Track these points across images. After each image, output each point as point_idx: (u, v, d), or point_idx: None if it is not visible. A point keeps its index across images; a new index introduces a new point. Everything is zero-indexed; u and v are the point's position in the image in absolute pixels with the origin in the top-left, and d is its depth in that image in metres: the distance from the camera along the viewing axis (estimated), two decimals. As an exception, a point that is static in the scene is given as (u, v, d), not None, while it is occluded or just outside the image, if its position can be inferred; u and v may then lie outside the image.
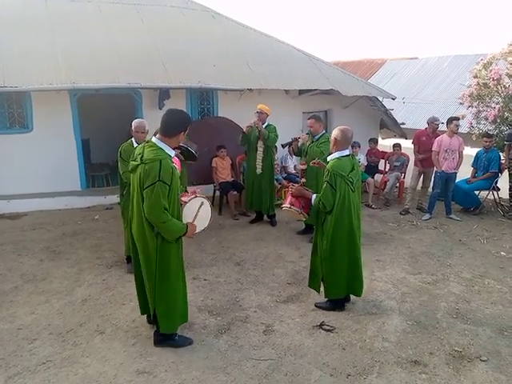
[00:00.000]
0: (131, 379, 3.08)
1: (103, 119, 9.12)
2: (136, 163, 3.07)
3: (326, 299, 4.07)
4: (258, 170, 6.31)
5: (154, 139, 3.11)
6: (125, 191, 4.47)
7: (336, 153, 3.83)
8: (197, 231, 3.31)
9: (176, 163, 3.72)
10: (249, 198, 6.51)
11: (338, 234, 3.79)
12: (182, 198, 3.27)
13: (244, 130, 6.23)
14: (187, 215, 3.24)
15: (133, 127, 4.58)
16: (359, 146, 8.01)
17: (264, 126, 6.16)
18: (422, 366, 3.25)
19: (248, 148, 6.44)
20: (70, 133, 7.35)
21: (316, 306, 4.09)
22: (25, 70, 6.40)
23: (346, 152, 3.84)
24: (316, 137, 5.74)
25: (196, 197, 3.35)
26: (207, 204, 3.40)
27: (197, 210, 3.29)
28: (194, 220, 3.26)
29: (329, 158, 3.89)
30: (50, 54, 6.81)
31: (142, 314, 3.58)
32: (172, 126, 3.07)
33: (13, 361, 3.26)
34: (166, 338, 3.41)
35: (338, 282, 3.92)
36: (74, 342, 3.50)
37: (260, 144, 6.24)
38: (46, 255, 5.26)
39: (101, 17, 8.07)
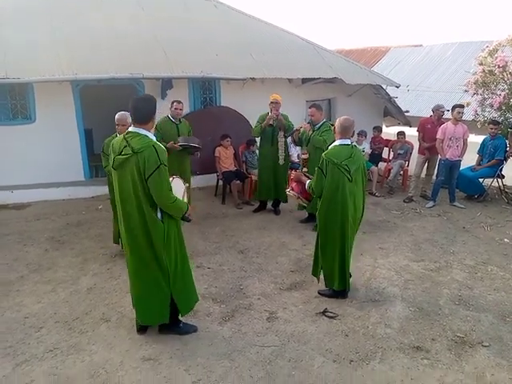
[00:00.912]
0: (137, 366, 3.13)
1: (106, 109, 9.03)
2: (125, 156, 2.99)
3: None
4: (281, 161, 6.25)
5: (132, 129, 3.08)
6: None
7: (337, 141, 3.87)
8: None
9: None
10: (264, 187, 6.46)
11: (329, 222, 3.85)
12: None
13: (266, 124, 6.09)
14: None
15: (115, 120, 4.45)
16: (365, 136, 7.97)
17: None
18: (424, 352, 3.28)
19: (262, 139, 6.38)
20: (73, 123, 7.36)
21: (319, 293, 4.12)
22: (27, 61, 6.39)
23: (347, 141, 3.85)
24: (317, 125, 5.71)
25: (174, 178, 3.40)
26: (181, 183, 3.50)
27: (182, 189, 3.40)
28: (183, 198, 3.35)
29: (330, 147, 3.94)
30: (52, 45, 6.79)
31: (146, 323, 3.44)
32: (146, 112, 3.08)
33: (21, 348, 3.32)
34: (171, 326, 3.44)
35: (332, 272, 3.95)
36: (80, 330, 3.56)
37: (280, 135, 6.20)
38: (50, 245, 5.31)
39: (102, 6, 8.01)
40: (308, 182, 4.05)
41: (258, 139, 6.74)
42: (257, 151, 7.20)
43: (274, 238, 5.55)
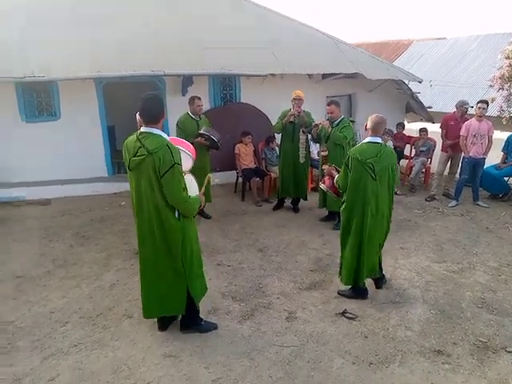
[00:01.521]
0: (158, 362, 3.20)
1: (128, 106, 9.13)
2: (141, 157, 3.02)
3: (349, 287, 4.09)
4: (302, 159, 6.21)
5: (144, 129, 3.10)
6: None
7: (367, 138, 3.89)
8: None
9: (191, 151, 3.77)
10: (286, 185, 6.44)
11: (350, 218, 3.89)
12: None
13: (287, 120, 6.05)
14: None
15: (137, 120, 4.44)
16: (391, 135, 7.86)
17: None
18: (445, 356, 3.25)
19: (284, 137, 6.34)
20: (96, 120, 7.49)
21: (339, 293, 4.12)
22: (51, 60, 6.52)
23: (377, 139, 3.83)
24: (336, 122, 5.67)
25: (185, 174, 3.42)
26: (193, 179, 3.53)
27: (190, 182, 3.41)
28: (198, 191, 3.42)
29: (359, 143, 4.01)
30: (76, 43, 6.90)
31: (149, 316, 3.51)
32: (156, 112, 3.10)
33: (47, 342, 3.43)
34: (191, 324, 3.50)
35: (348, 268, 3.97)
36: (103, 326, 3.65)
37: (302, 134, 6.16)
38: (75, 241, 5.44)
39: (124, 5, 8.09)
40: (336, 176, 4.11)
41: (278, 136, 6.72)
42: (277, 148, 7.19)
43: (294, 237, 5.55)
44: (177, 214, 3.17)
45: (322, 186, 4.50)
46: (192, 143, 3.94)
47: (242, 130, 7.20)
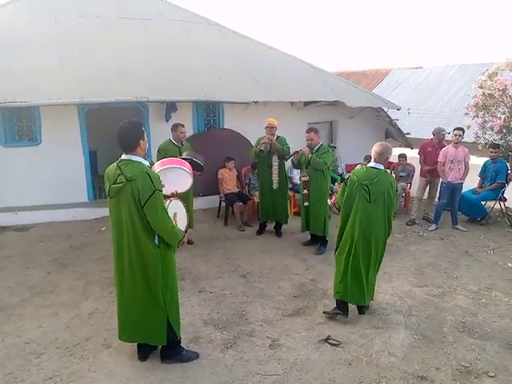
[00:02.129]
0: (137, 394, 3.10)
1: (110, 131, 9.14)
2: (120, 185, 3.00)
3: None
4: (275, 185, 6.28)
5: (124, 156, 3.08)
6: None
7: (370, 163, 4.05)
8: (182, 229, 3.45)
9: (189, 168, 3.96)
10: (265, 210, 6.50)
11: (344, 234, 4.08)
12: None
13: (258, 149, 6.19)
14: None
15: None
16: (369, 160, 8.01)
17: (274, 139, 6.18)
18: (428, 382, 3.24)
19: (260, 162, 6.44)
20: (78, 145, 7.44)
21: (324, 313, 4.18)
22: (34, 85, 6.51)
23: (379, 166, 3.97)
24: (315, 148, 5.79)
25: (171, 200, 3.51)
26: (181, 205, 3.61)
27: (173, 213, 3.40)
28: (175, 222, 3.36)
29: (358, 167, 4.21)
30: (59, 69, 6.93)
31: (125, 340, 3.44)
32: (131, 140, 3.06)
33: (20, 375, 3.29)
34: (172, 354, 3.41)
35: (336, 279, 4.11)
36: (80, 356, 3.53)
37: (275, 159, 6.23)
38: (53, 268, 5.31)
39: (108, 32, 8.20)
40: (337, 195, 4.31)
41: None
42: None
43: (277, 262, 5.53)
44: (156, 240, 3.12)
45: (329, 201, 5.08)
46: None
47: (225, 156, 7.25)
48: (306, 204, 5.93)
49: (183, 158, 5.78)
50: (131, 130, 3.10)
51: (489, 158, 7.38)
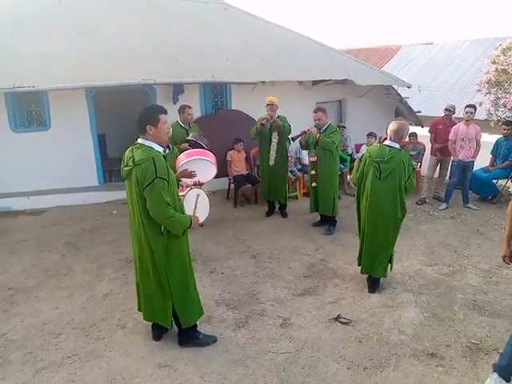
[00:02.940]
0: (153, 373, 3.18)
1: (118, 114, 9.19)
2: (129, 167, 3.06)
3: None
4: (271, 162, 6.30)
5: (139, 140, 3.12)
6: None
7: (387, 141, 4.12)
8: (201, 221, 3.47)
9: (211, 158, 4.01)
10: (265, 188, 6.57)
11: (363, 211, 4.24)
12: (180, 193, 3.36)
13: (259, 124, 6.21)
14: (188, 208, 3.36)
15: None
16: (375, 137, 7.95)
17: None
18: (438, 359, 3.28)
19: (261, 141, 6.44)
20: (87, 129, 7.46)
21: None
22: (41, 70, 6.50)
23: (393, 144, 4.02)
24: (323, 128, 5.74)
25: (191, 189, 3.50)
26: (203, 194, 3.58)
27: (195, 201, 3.43)
28: (194, 212, 3.38)
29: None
30: (65, 53, 6.89)
31: (150, 320, 3.51)
32: (139, 122, 3.09)
33: (40, 355, 3.39)
34: (189, 338, 3.46)
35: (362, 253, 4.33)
36: (96, 337, 3.62)
37: (274, 136, 6.23)
38: (67, 251, 5.40)
39: (113, 13, 8.11)
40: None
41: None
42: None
43: (286, 242, 5.57)
44: (162, 227, 3.12)
45: (348, 177, 5.07)
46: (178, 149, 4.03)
47: (234, 137, 7.22)
48: (313, 185, 5.91)
49: (187, 140, 5.80)
50: (140, 115, 3.12)
51: (501, 136, 7.26)
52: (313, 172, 5.92)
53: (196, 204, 3.43)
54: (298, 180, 7.50)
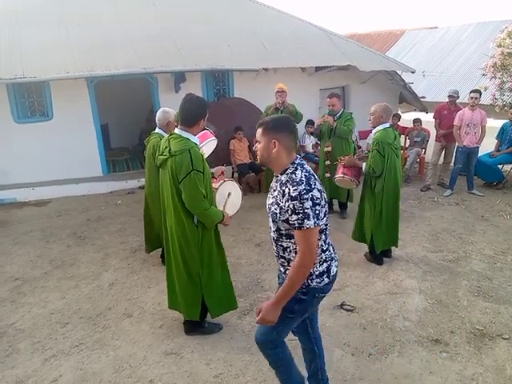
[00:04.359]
0: (159, 360, 3.22)
1: (120, 104, 9.20)
2: (165, 157, 3.06)
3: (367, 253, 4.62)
4: None
5: (176, 130, 3.10)
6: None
7: (380, 125, 4.31)
8: (231, 214, 3.44)
9: (210, 136, 4.02)
10: (272, 178, 6.47)
11: (387, 194, 4.38)
12: (212, 185, 3.33)
13: (273, 108, 6.12)
14: (220, 201, 3.36)
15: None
16: (399, 118, 7.99)
17: None
18: (442, 345, 3.29)
19: None
20: (89, 119, 7.46)
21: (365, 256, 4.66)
22: (42, 60, 6.49)
23: (388, 124, 4.33)
24: (337, 115, 5.66)
25: (225, 181, 3.47)
26: (236, 187, 3.58)
27: (227, 194, 3.44)
28: (225, 205, 3.39)
29: (374, 131, 4.37)
30: (66, 43, 6.87)
31: (171, 308, 3.52)
32: (192, 114, 3.05)
33: (48, 343, 3.44)
34: (196, 326, 3.49)
35: (385, 234, 4.48)
36: (103, 326, 3.66)
37: None
38: (72, 241, 5.44)
39: (113, 2, 8.04)
40: (365, 164, 4.38)
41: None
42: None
43: (291, 230, 5.56)
44: (195, 219, 3.11)
45: (345, 177, 4.56)
46: None
47: (236, 126, 7.19)
48: (327, 175, 5.75)
49: None
50: (197, 106, 3.07)
51: (507, 121, 7.18)
52: (327, 162, 5.78)
53: (228, 197, 3.43)
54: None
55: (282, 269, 2.48)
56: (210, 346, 3.36)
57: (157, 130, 4.32)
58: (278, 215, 2.24)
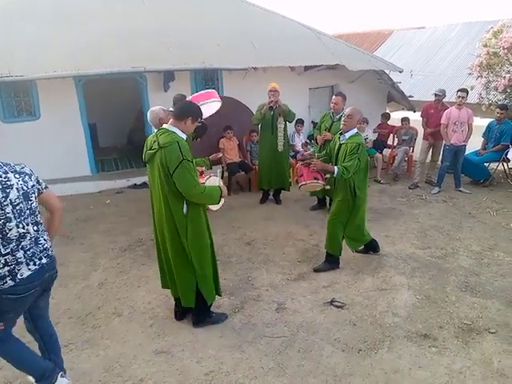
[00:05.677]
0: (150, 359, 3.21)
1: (109, 103, 9.12)
2: (154, 151, 3.16)
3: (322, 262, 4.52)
4: (280, 148, 6.27)
5: (164, 126, 3.23)
6: None
7: (355, 129, 4.29)
8: (216, 209, 3.63)
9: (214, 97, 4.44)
10: (264, 177, 6.49)
11: (363, 192, 4.36)
12: (200, 180, 3.42)
13: (268, 107, 6.09)
14: None
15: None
16: (367, 122, 7.95)
17: None
18: (431, 340, 3.33)
19: (262, 127, 6.39)
20: (77, 118, 7.39)
21: (314, 270, 4.43)
22: (29, 58, 6.40)
23: (356, 130, 4.33)
24: (338, 115, 5.58)
25: (210, 176, 3.63)
26: (220, 182, 3.68)
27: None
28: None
29: (349, 134, 4.26)
30: (54, 41, 6.79)
31: (164, 287, 3.68)
32: (182, 110, 3.21)
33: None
34: (203, 318, 3.54)
35: (362, 230, 4.51)
36: (93, 325, 3.64)
37: (280, 121, 6.21)
38: (60, 241, 5.36)
39: (101, 1, 7.96)
40: (337, 168, 4.16)
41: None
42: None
43: (281, 229, 5.59)
44: (185, 209, 3.20)
45: (308, 183, 4.38)
46: None
47: (226, 125, 7.18)
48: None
49: None
50: (187, 106, 3.33)
51: (493, 119, 7.29)
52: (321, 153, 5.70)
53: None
54: (291, 167, 7.50)
55: None
56: (201, 343, 3.36)
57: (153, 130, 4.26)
58: None
